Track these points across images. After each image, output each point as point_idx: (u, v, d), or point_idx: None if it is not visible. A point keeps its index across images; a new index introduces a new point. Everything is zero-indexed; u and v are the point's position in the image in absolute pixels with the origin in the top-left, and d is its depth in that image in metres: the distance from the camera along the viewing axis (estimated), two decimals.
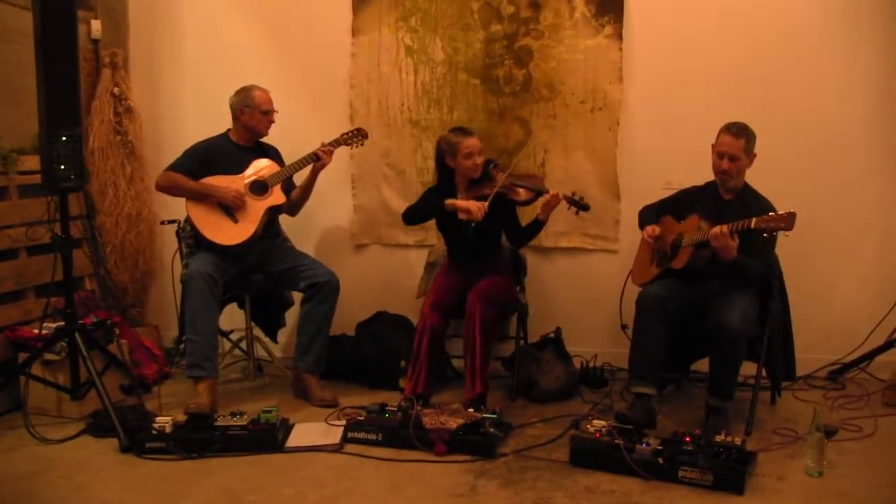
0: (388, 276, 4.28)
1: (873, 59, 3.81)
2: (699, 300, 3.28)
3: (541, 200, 3.53)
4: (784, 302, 3.44)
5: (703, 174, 3.45)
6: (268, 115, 3.75)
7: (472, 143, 3.54)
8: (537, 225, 3.55)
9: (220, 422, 3.11)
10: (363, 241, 4.39)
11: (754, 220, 2.96)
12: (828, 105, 3.86)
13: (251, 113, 3.71)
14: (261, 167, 3.76)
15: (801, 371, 3.68)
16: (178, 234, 3.91)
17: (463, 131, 3.59)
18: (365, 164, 4.30)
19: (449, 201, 3.48)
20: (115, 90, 4.25)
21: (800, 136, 3.87)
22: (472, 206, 3.39)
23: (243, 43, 4.30)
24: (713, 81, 3.92)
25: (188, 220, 3.74)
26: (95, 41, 4.28)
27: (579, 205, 3.42)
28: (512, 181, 3.52)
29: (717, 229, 3.03)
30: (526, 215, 3.70)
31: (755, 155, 3.32)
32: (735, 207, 3.31)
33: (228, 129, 3.82)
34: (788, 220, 2.90)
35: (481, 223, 3.40)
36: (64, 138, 3.14)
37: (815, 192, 3.84)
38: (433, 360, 3.49)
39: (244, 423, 3.09)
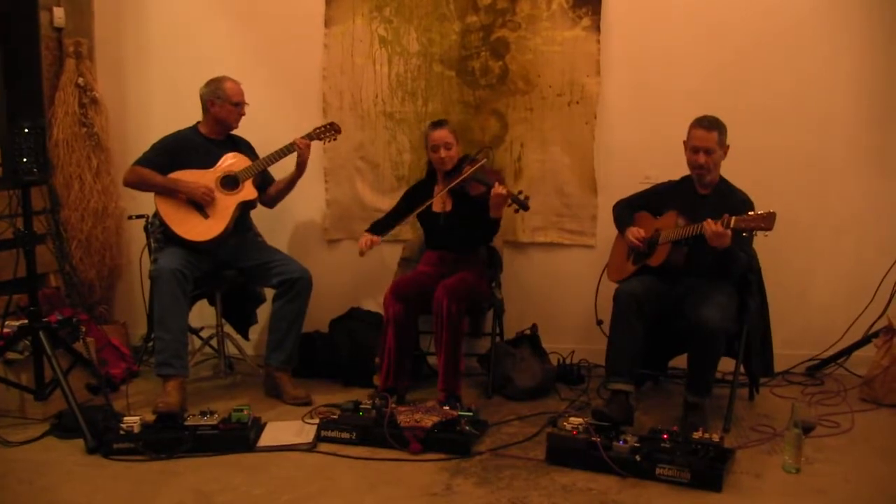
0: (362, 271, 4.26)
1: (857, 54, 3.85)
2: (677, 296, 3.30)
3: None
4: (762, 298, 3.46)
5: (682, 168, 3.46)
6: (238, 107, 3.72)
7: (437, 135, 3.60)
8: (491, 223, 3.54)
9: (190, 421, 3.08)
10: (336, 237, 4.38)
11: (733, 219, 2.97)
12: (808, 100, 3.90)
13: (222, 104, 3.68)
14: (232, 161, 3.73)
15: (779, 367, 3.71)
16: (146, 229, 3.87)
17: (435, 123, 3.67)
18: (338, 157, 4.28)
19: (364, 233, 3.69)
20: (80, 80, 4.19)
21: (778, 132, 3.91)
22: (361, 242, 3.63)
23: (213, 33, 4.26)
24: (692, 75, 3.94)
25: (157, 215, 3.69)
26: (58, 29, 4.20)
27: (519, 202, 3.42)
28: (473, 175, 3.52)
29: (712, 226, 3.01)
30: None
31: (728, 146, 3.34)
32: (712, 202, 3.33)
33: (198, 122, 3.78)
34: (768, 220, 2.90)
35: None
36: (26, 130, 3.09)
37: (793, 188, 3.89)
38: (401, 352, 3.49)
39: (215, 422, 3.06)
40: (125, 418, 3.07)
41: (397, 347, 3.48)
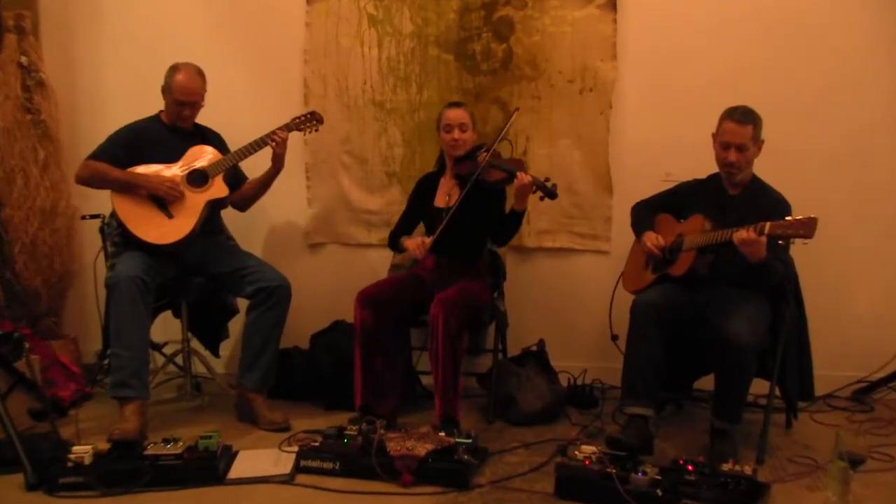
0: (348, 280, 4.18)
1: None
2: (701, 308, 3.28)
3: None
4: (800, 310, 3.45)
5: (707, 165, 3.45)
6: (182, 108, 3.68)
7: (453, 114, 3.63)
8: (513, 216, 3.53)
9: (151, 450, 3.03)
10: (318, 240, 4.38)
11: (768, 225, 2.94)
12: (851, 93, 3.90)
13: (168, 97, 3.69)
14: (200, 155, 3.71)
15: (820, 390, 3.70)
16: (101, 230, 3.85)
17: (453, 103, 3.73)
18: (321, 151, 4.28)
19: (404, 241, 3.66)
20: (23, 59, 4.16)
21: (817, 128, 3.92)
22: (410, 245, 3.57)
23: (178, 8, 4.26)
24: (719, 59, 3.95)
25: (114, 214, 3.66)
26: None
27: (545, 189, 3.39)
28: (491, 162, 3.52)
29: (744, 234, 3.00)
30: None
31: (763, 141, 3.33)
32: (742, 203, 3.33)
33: (161, 111, 3.77)
34: (808, 227, 2.86)
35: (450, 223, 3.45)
36: None
37: (834, 191, 3.90)
38: (370, 366, 3.51)
39: (179, 451, 3.02)
40: (74, 448, 3.01)
41: (364, 360, 3.50)
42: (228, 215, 3.97)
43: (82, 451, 2.97)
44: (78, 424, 3.44)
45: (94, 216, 3.92)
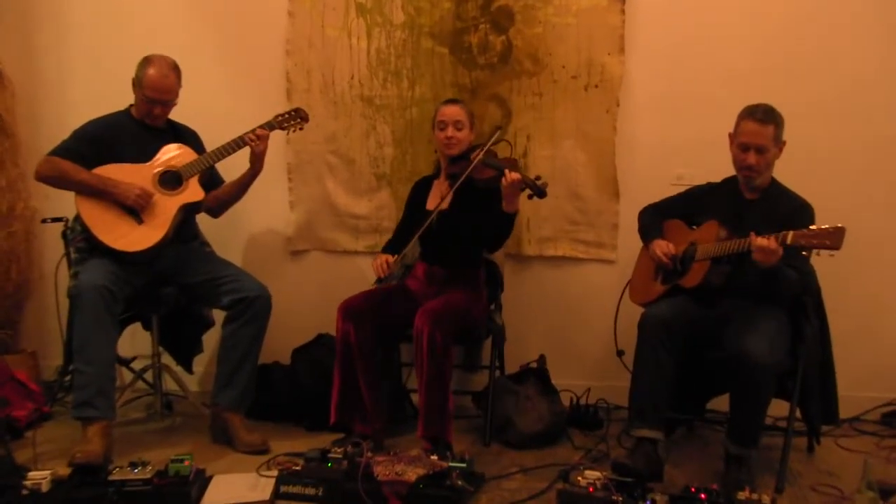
0: (333, 290, 4.12)
1: None
2: (715, 323, 3.28)
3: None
4: (822, 325, 3.44)
5: (723, 167, 3.44)
6: (153, 105, 3.67)
7: (449, 110, 3.66)
8: (502, 218, 3.49)
9: (117, 475, 3.01)
10: (301, 247, 4.38)
11: (791, 234, 2.94)
12: (881, 92, 3.90)
13: (138, 92, 3.67)
14: (174, 154, 3.70)
15: (845, 413, 3.69)
16: (64, 235, 3.83)
17: (450, 100, 3.76)
18: (304, 151, 4.28)
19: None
20: None
21: (844, 129, 3.92)
22: (374, 265, 3.62)
23: None
24: (737, 53, 3.95)
25: (78, 218, 3.64)
26: None
27: (535, 187, 3.36)
28: (484, 160, 3.53)
29: (761, 241, 2.99)
30: None
31: (784, 143, 3.31)
32: (760, 209, 3.33)
33: (131, 105, 3.76)
34: (835, 237, 2.85)
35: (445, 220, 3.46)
36: None
37: (861, 197, 3.90)
38: (349, 383, 3.52)
39: (148, 475, 3.00)
40: (31, 473, 3.01)
41: (343, 376, 3.52)
42: (204, 220, 3.95)
43: (39, 477, 2.96)
44: (35, 447, 3.42)
45: (55, 219, 3.90)
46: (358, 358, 3.50)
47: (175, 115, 3.78)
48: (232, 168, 3.81)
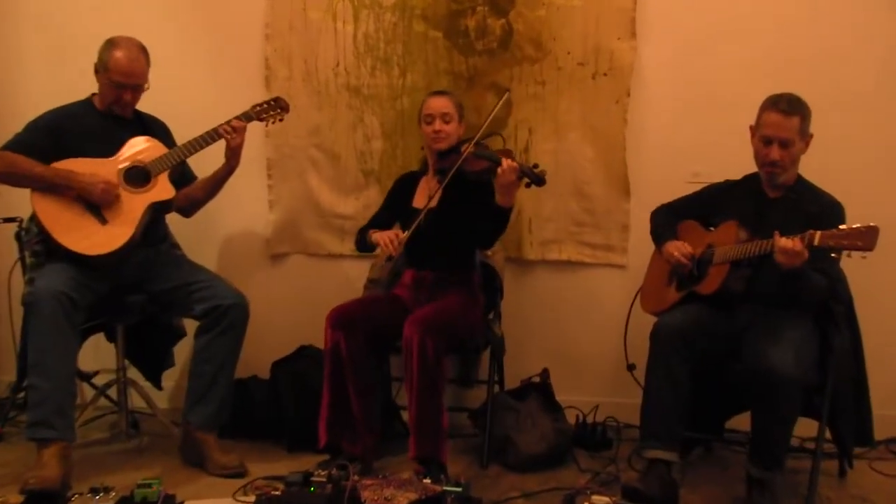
0: (316, 297, 4.19)
1: None
2: (735, 333, 3.29)
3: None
4: (854, 336, 3.43)
5: (743, 163, 3.43)
6: (121, 90, 3.65)
7: (435, 102, 3.67)
8: (497, 212, 3.47)
9: (76, 502, 3.00)
10: (281, 250, 4.40)
11: (819, 234, 2.92)
12: None
13: (104, 78, 3.65)
14: (141, 148, 3.68)
15: (881, 433, 3.68)
16: (18, 237, 3.82)
17: (436, 91, 3.79)
18: (285, 145, 4.29)
19: (372, 235, 3.62)
20: None
21: (876, 121, 3.91)
22: (381, 239, 3.51)
23: None
24: (759, 39, 3.96)
25: (34, 218, 3.62)
26: None
27: (533, 176, 3.37)
28: (475, 152, 3.53)
29: (785, 242, 2.97)
30: None
31: (811, 136, 3.30)
32: (784, 208, 3.32)
33: (93, 95, 3.74)
34: (867, 237, 2.83)
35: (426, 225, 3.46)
36: None
37: (886, 191, 3.90)
38: (340, 399, 3.51)
39: (111, 502, 3.00)
40: None
41: (333, 391, 3.51)
42: (174, 221, 3.93)
43: None
44: None
45: (8, 220, 3.91)
46: (349, 370, 3.50)
47: (142, 105, 3.76)
48: (205, 163, 3.79)
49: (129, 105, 3.69)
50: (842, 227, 2.89)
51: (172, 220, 3.91)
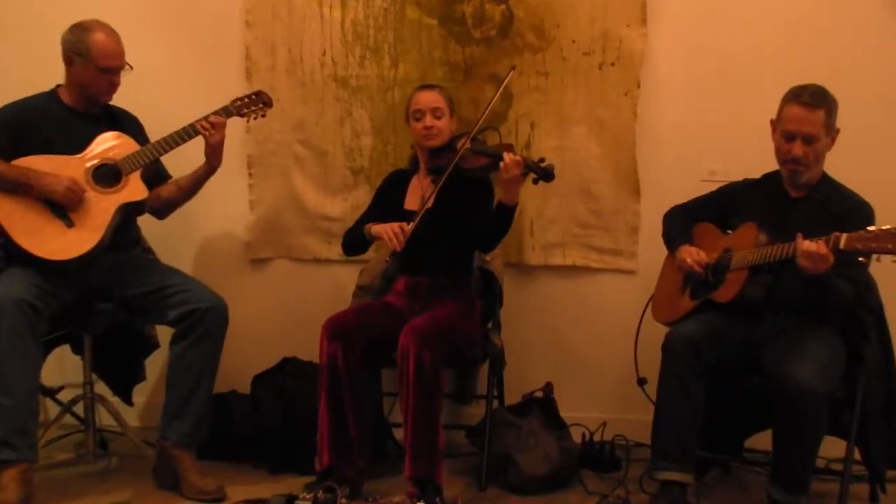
0: (301, 306, 4.27)
1: None
2: (755, 345, 3.29)
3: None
4: (886, 349, 3.41)
5: (763, 161, 3.42)
6: (108, 74, 3.64)
7: (424, 97, 3.69)
8: (501, 212, 3.49)
9: None
10: (263, 255, 4.40)
11: (844, 237, 2.90)
12: None
13: (83, 65, 3.61)
14: (111, 144, 3.66)
15: None
16: None
17: (425, 85, 3.81)
18: (268, 140, 4.29)
19: (372, 227, 3.61)
20: None
21: None
22: (384, 231, 3.50)
23: None
24: (780, 26, 3.95)
25: None
26: None
27: (539, 170, 3.36)
28: (473, 147, 3.54)
29: (809, 245, 2.95)
30: None
31: (838, 131, 3.29)
32: (807, 209, 3.32)
33: (59, 85, 3.72)
34: None
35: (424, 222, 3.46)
36: None
37: None
38: (339, 414, 3.49)
39: None
40: None
41: (331, 407, 3.48)
42: (146, 223, 3.91)
43: None
44: None
45: None
46: (346, 384, 3.47)
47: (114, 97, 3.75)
48: (182, 161, 3.76)
49: (111, 92, 3.68)
50: (870, 228, 2.88)
51: (144, 221, 3.90)
